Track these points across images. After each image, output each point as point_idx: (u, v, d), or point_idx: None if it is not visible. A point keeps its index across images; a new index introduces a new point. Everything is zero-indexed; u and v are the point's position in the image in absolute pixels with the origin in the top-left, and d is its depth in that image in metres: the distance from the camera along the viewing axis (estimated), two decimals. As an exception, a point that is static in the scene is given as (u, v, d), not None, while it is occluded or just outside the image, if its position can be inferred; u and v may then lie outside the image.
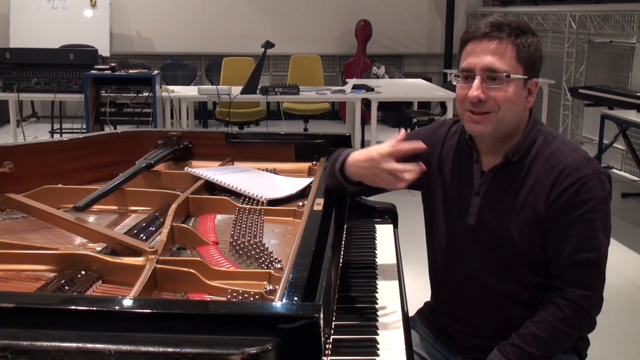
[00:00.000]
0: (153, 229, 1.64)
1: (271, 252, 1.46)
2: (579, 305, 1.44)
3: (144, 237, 1.58)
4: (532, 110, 1.55)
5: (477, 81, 1.44)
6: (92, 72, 4.95)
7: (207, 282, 1.30)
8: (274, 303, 1.14)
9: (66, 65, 5.20)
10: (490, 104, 1.44)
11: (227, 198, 1.80)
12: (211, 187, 1.94)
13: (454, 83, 1.51)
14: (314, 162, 2.15)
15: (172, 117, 5.46)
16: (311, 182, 1.90)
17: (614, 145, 5.91)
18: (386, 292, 1.59)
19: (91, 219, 1.75)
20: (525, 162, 1.50)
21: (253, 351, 0.93)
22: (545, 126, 1.56)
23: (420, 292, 2.01)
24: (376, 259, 1.77)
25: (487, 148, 1.55)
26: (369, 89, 5.69)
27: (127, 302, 1.05)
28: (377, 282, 1.63)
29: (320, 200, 1.64)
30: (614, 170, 6.20)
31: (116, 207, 1.86)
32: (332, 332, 1.32)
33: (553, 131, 1.56)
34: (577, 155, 1.47)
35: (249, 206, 1.77)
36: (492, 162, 1.55)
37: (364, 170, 1.52)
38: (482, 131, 1.47)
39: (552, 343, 1.46)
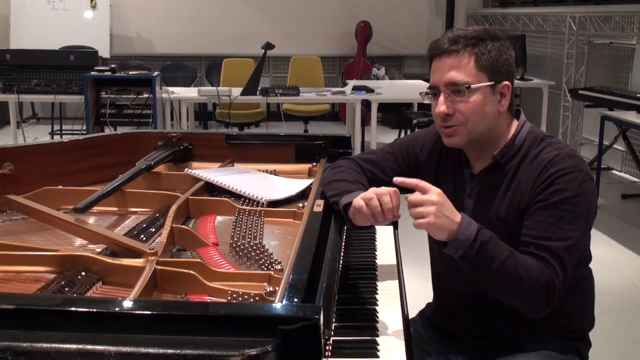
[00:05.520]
0: (153, 230, 1.64)
1: (271, 254, 1.47)
2: (544, 259, 1.37)
3: (144, 239, 1.58)
4: (521, 111, 1.58)
5: (441, 97, 1.50)
6: (92, 73, 4.96)
7: (207, 283, 1.31)
8: (273, 304, 1.14)
9: (66, 67, 5.20)
10: (458, 118, 1.48)
11: (227, 199, 1.80)
12: (211, 188, 1.94)
13: (426, 101, 1.56)
14: (314, 164, 2.15)
15: (172, 119, 5.47)
16: (311, 184, 1.90)
17: (614, 146, 5.90)
18: (386, 293, 1.58)
19: (91, 220, 1.75)
20: (513, 163, 1.53)
21: (253, 352, 0.93)
22: (535, 127, 1.58)
23: (420, 293, 2.01)
24: (376, 260, 1.76)
25: (472, 154, 1.59)
26: (369, 90, 5.69)
27: (127, 304, 1.04)
28: (377, 283, 1.62)
29: (321, 202, 1.65)
30: (613, 172, 6.19)
31: (116, 209, 1.86)
32: (332, 333, 1.32)
33: (543, 132, 1.58)
34: (561, 152, 1.48)
35: (249, 207, 1.77)
36: (481, 165, 1.57)
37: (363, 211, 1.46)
38: (456, 143, 1.52)
39: (514, 266, 1.36)
